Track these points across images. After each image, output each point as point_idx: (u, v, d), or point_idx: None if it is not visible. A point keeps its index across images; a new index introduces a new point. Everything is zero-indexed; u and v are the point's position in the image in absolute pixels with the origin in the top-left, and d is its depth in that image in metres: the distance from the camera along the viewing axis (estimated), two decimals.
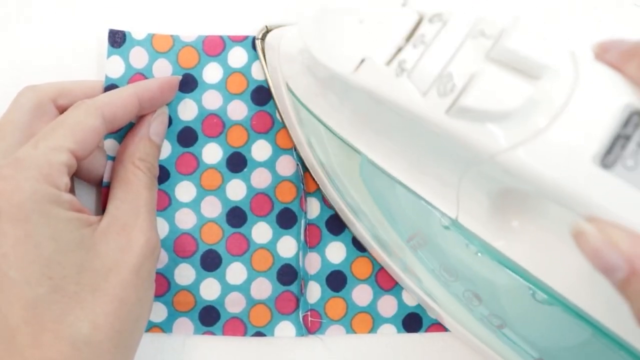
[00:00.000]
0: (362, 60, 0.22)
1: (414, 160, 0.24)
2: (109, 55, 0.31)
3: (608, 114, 0.18)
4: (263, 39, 0.31)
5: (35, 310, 0.23)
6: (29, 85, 0.28)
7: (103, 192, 0.29)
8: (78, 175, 0.30)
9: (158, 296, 0.30)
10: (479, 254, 0.24)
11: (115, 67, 0.31)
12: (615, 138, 0.18)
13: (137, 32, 0.31)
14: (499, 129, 0.19)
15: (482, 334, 0.28)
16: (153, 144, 0.29)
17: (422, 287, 0.29)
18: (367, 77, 0.21)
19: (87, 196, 0.31)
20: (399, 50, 0.21)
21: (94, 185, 0.31)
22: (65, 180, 0.25)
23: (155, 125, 0.30)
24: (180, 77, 0.31)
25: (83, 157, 0.26)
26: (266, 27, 0.31)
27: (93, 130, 0.26)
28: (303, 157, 0.31)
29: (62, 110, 0.28)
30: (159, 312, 0.31)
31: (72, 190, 0.28)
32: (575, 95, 0.18)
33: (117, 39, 0.31)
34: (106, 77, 0.31)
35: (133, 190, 0.28)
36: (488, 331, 0.27)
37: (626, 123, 0.18)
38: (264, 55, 0.31)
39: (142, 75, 0.31)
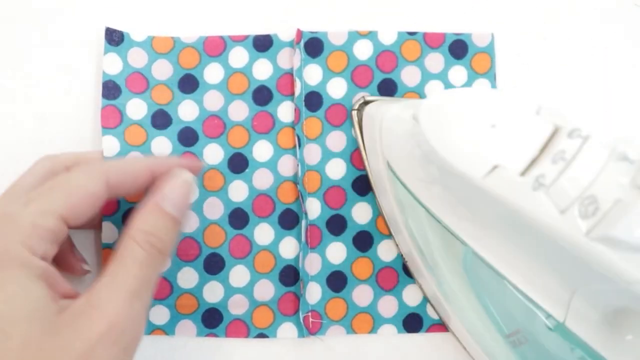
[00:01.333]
0: (495, 167, 0.21)
1: (525, 261, 0.24)
2: (106, 52, 0.31)
3: None
4: (360, 109, 0.31)
5: None
6: (48, 154, 0.27)
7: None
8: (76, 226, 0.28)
9: (161, 299, 0.30)
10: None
11: (112, 64, 0.31)
12: None
13: (137, 34, 0.31)
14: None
15: None
16: (166, 215, 0.25)
17: None
18: (498, 185, 0.21)
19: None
20: (533, 161, 0.21)
21: (96, 230, 0.30)
22: (45, 247, 0.23)
23: (172, 195, 0.25)
24: (203, 165, 0.31)
25: (77, 222, 0.24)
26: (364, 98, 0.31)
27: (92, 196, 0.24)
28: (397, 242, 0.30)
29: None
30: (162, 315, 0.30)
31: (66, 249, 0.27)
32: None
33: (115, 38, 0.31)
34: (104, 73, 0.31)
35: (121, 266, 0.24)
36: None
37: None
38: (360, 127, 0.30)
39: (140, 74, 0.31)
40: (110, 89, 0.31)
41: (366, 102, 0.31)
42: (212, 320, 0.31)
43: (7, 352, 0.21)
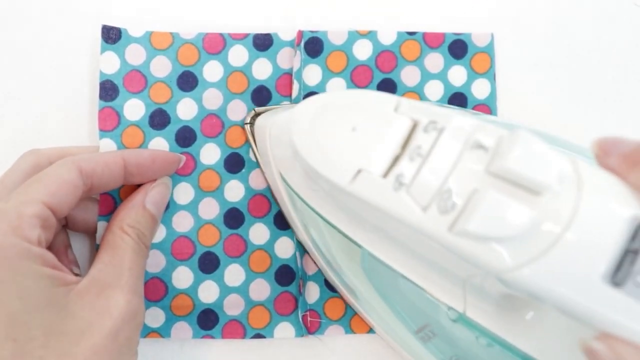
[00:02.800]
0: (358, 171, 0.21)
1: (417, 258, 0.24)
2: (102, 51, 0.31)
3: (615, 228, 0.17)
4: (252, 123, 0.30)
5: None
6: (32, 149, 0.28)
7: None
8: (73, 228, 0.29)
9: (155, 301, 0.30)
10: (489, 346, 0.24)
11: (109, 63, 0.31)
12: (624, 253, 0.17)
13: (135, 29, 0.31)
14: (504, 249, 0.18)
15: None
16: (147, 212, 0.28)
17: None
18: (364, 189, 0.21)
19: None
20: (395, 160, 0.21)
21: (91, 236, 0.30)
22: (37, 232, 0.23)
23: (152, 194, 0.28)
24: (182, 158, 0.30)
25: (61, 210, 0.25)
26: (254, 110, 0.31)
27: (68, 183, 0.25)
28: (300, 240, 0.30)
29: None
30: (157, 317, 0.30)
31: (51, 246, 0.26)
32: (579, 211, 0.18)
33: (112, 35, 0.31)
34: (100, 72, 0.30)
35: (118, 253, 0.26)
36: None
37: (634, 236, 0.17)
38: (254, 140, 0.30)
39: (138, 72, 0.31)
40: (108, 90, 0.31)
41: (257, 114, 0.30)
42: (207, 321, 0.30)
43: (32, 342, 0.22)
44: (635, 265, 0.17)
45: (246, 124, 0.31)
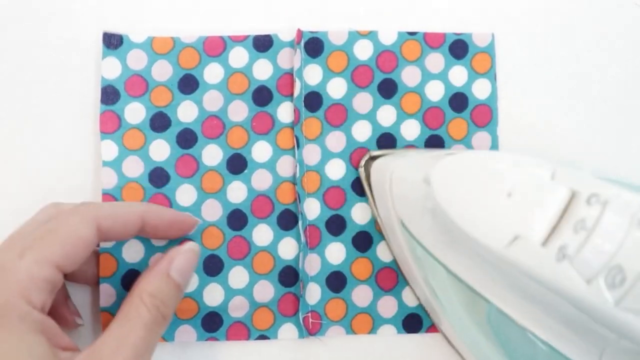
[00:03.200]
0: (516, 237, 0.21)
1: (553, 320, 0.24)
2: (104, 56, 0.31)
3: None
4: (367, 166, 0.30)
5: None
6: (54, 202, 0.28)
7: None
8: (71, 279, 0.29)
9: None
10: None
11: (111, 69, 0.31)
12: None
13: (136, 35, 0.31)
14: None
15: None
16: (171, 281, 0.26)
17: None
18: (521, 256, 0.21)
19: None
20: (554, 230, 0.21)
21: (90, 286, 0.30)
22: (43, 298, 0.23)
23: (179, 261, 0.27)
24: (199, 221, 0.30)
25: (70, 268, 0.24)
26: (369, 153, 0.31)
27: (84, 242, 0.24)
28: (417, 294, 0.30)
29: None
30: None
31: (58, 302, 0.26)
32: None
33: (113, 42, 0.31)
34: (102, 78, 0.31)
35: (127, 326, 0.24)
36: None
37: None
38: (369, 184, 0.30)
39: (140, 77, 0.31)
40: (109, 94, 0.31)
41: (372, 158, 0.30)
42: (212, 324, 0.30)
43: None
44: None
45: (360, 167, 0.30)
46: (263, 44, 0.31)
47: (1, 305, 0.22)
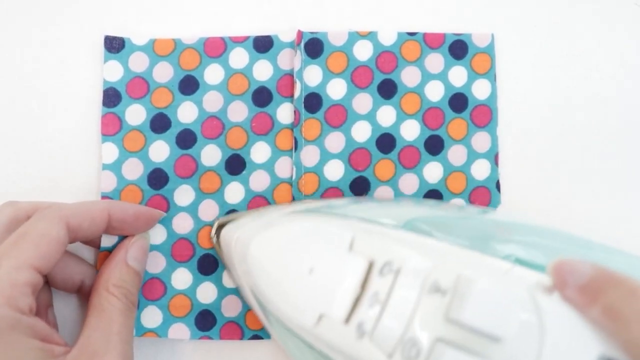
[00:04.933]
0: (321, 316, 0.21)
1: None
2: (105, 60, 0.31)
3: None
4: (217, 234, 0.30)
5: None
6: (9, 201, 0.28)
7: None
8: (54, 286, 0.29)
9: (154, 300, 0.30)
10: None
11: (113, 71, 0.31)
12: None
13: (138, 37, 0.31)
14: None
15: None
16: (130, 269, 0.28)
17: None
18: (328, 334, 0.21)
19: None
20: (355, 304, 0.21)
21: (73, 293, 0.30)
22: (29, 301, 0.23)
23: (133, 250, 0.28)
24: (162, 213, 0.30)
25: (47, 271, 0.25)
26: (217, 222, 0.30)
27: (57, 242, 0.25)
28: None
29: None
30: (155, 317, 0.30)
31: (39, 311, 0.26)
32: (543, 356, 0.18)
33: (115, 45, 0.31)
34: (104, 80, 0.31)
35: (105, 317, 0.26)
36: None
37: None
38: (221, 252, 0.30)
39: (141, 79, 0.31)
40: (111, 97, 0.31)
41: (220, 226, 0.30)
42: (205, 322, 0.30)
43: None
44: None
45: (212, 237, 0.30)
46: (263, 44, 0.32)
47: None
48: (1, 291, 0.22)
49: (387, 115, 0.31)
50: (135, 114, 0.31)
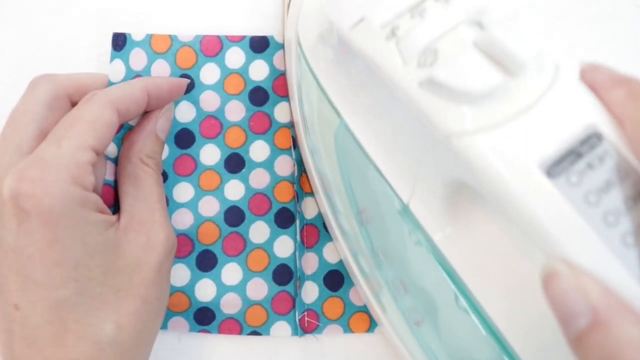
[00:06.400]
0: (361, 19, 0.21)
1: (385, 134, 0.24)
2: (112, 59, 0.31)
3: (568, 126, 0.18)
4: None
5: (59, 312, 0.23)
6: (45, 74, 0.28)
7: (104, 191, 0.29)
8: None
9: None
10: (418, 244, 0.24)
11: (117, 71, 0.31)
12: (568, 152, 0.17)
13: (136, 33, 0.31)
14: (461, 111, 0.18)
15: (400, 328, 0.28)
16: (159, 140, 0.29)
17: (357, 262, 0.29)
18: (360, 36, 0.21)
19: None
20: (398, 16, 0.21)
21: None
22: (92, 179, 0.25)
23: (162, 121, 0.29)
24: (188, 81, 0.31)
25: (101, 152, 0.26)
26: None
27: (110, 125, 0.26)
28: (292, 108, 0.31)
29: (74, 103, 0.27)
30: None
31: (95, 188, 0.27)
32: (543, 100, 0.18)
33: (119, 42, 0.31)
34: (109, 82, 0.31)
35: (146, 186, 0.28)
36: (406, 326, 0.27)
37: (583, 141, 0.18)
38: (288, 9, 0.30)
39: (140, 76, 0.31)
40: None
41: None
42: (204, 318, 0.31)
43: (91, 281, 0.24)
44: (574, 166, 0.17)
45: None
46: (259, 45, 0.32)
47: (61, 197, 0.23)
48: (68, 171, 0.23)
49: None
50: None
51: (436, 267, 0.23)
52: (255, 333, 0.31)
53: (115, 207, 0.29)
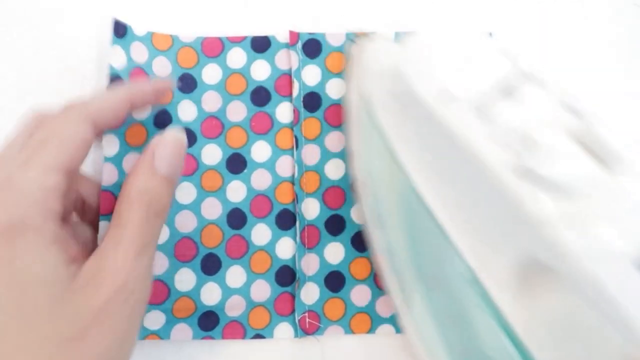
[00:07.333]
0: (444, 89, 0.22)
1: (457, 200, 0.24)
2: (113, 43, 0.30)
3: None
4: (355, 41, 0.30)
5: None
6: (40, 111, 0.26)
7: (103, 197, 0.28)
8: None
9: (157, 304, 0.30)
10: (483, 313, 0.23)
11: (118, 57, 0.30)
12: None
13: (137, 29, 0.31)
14: (558, 203, 0.19)
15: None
16: (157, 176, 0.25)
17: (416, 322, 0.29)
18: (446, 110, 0.21)
19: None
20: (485, 93, 0.21)
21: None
22: (57, 206, 0.23)
23: (159, 152, 0.25)
24: (172, 83, 0.30)
25: (74, 173, 0.24)
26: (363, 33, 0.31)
27: (84, 141, 0.24)
28: (349, 165, 0.31)
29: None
30: (157, 320, 0.30)
31: (64, 216, 0.25)
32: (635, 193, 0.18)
33: (120, 30, 0.31)
34: (110, 66, 0.30)
35: (122, 227, 0.24)
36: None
37: None
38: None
39: (142, 70, 0.31)
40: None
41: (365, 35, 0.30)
42: (208, 323, 0.30)
43: (22, 319, 0.21)
44: None
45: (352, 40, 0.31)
46: (261, 45, 0.32)
47: (18, 221, 0.21)
48: (29, 195, 0.22)
49: None
50: None
51: (502, 337, 0.23)
52: (258, 336, 0.30)
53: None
